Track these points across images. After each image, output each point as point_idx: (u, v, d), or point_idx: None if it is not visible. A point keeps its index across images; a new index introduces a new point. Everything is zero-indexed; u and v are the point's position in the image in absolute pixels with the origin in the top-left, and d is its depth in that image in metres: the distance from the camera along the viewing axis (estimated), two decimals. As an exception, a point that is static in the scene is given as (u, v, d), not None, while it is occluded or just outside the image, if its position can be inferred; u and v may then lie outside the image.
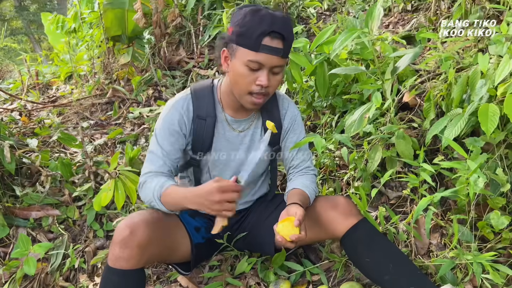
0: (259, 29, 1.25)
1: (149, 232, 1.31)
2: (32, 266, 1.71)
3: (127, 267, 1.27)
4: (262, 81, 1.31)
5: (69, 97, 3.67)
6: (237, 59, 1.32)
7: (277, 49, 1.28)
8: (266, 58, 1.28)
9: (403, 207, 1.84)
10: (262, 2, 3.51)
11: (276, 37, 1.26)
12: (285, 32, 1.27)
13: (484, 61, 1.51)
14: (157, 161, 1.43)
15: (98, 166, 2.29)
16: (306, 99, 2.39)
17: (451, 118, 1.57)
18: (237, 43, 1.30)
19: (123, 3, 3.52)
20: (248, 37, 1.26)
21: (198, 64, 3.50)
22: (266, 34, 1.25)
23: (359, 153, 1.94)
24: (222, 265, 1.76)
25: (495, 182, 1.47)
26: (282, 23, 1.27)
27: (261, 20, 1.25)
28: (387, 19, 3.22)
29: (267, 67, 1.31)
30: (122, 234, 1.28)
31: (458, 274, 1.45)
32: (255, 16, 1.26)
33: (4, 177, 2.22)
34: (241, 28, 1.27)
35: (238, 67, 1.32)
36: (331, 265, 1.70)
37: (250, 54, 1.28)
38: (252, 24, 1.26)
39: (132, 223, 1.31)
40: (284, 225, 1.26)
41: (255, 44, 1.26)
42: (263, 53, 1.27)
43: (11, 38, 16.66)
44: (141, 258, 1.29)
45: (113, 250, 1.28)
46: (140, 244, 1.28)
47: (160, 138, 1.44)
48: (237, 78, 1.34)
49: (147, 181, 1.39)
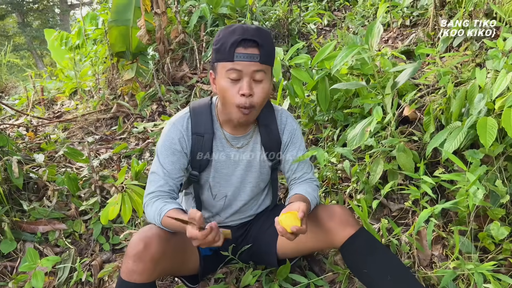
0: (231, 39, 1.30)
1: (162, 246, 1.33)
2: (40, 279, 1.73)
3: (140, 281, 1.29)
4: (243, 89, 1.32)
5: (74, 112, 3.73)
6: (219, 75, 1.37)
7: (252, 55, 1.31)
8: (242, 66, 1.31)
9: (405, 219, 1.87)
10: (263, 19, 3.59)
11: (249, 45, 1.30)
12: (257, 38, 1.30)
13: (482, 75, 1.55)
14: (158, 181, 1.45)
15: (104, 181, 2.33)
16: (308, 113, 2.43)
17: (451, 131, 1.60)
18: (216, 60, 1.36)
19: (128, 20, 3.60)
20: (222, 51, 1.32)
21: (201, 80, 3.56)
22: (238, 42, 1.29)
23: (361, 166, 1.97)
24: (227, 278, 1.78)
25: (494, 193, 1.50)
26: (254, 31, 1.31)
27: (232, 32, 1.31)
28: (386, 34, 3.29)
29: (247, 75, 1.32)
30: (136, 248, 1.30)
31: (460, 284, 1.47)
32: (227, 30, 1.33)
33: (11, 191, 2.25)
34: (216, 45, 1.35)
35: (220, 82, 1.36)
36: (335, 277, 1.72)
37: (227, 65, 1.32)
38: (225, 38, 1.32)
39: (145, 237, 1.33)
40: (286, 216, 1.28)
41: (229, 54, 1.30)
42: (238, 61, 1.31)
43: (14, 53, 16.82)
44: (154, 271, 1.32)
45: (127, 264, 1.30)
46: (154, 258, 1.30)
47: (161, 158, 1.47)
48: (223, 93, 1.37)
49: (148, 205, 1.42)
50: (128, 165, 2.50)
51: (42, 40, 16.96)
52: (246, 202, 1.65)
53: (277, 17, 3.61)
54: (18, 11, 17.93)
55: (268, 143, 1.57)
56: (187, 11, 3.97)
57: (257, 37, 1.30)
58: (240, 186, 1.60)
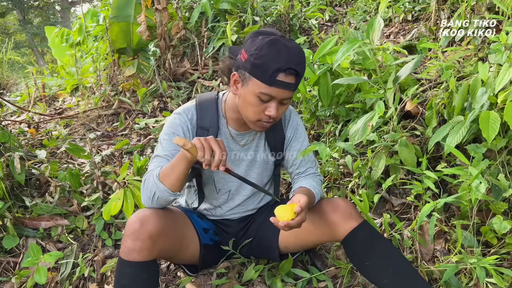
0: (275, 65, 1.26)
1: (159, 224, 1.33)
2: (43, 275, 1.74)
3: (140, 259, 1.30)
4: (271, 113, 1.34)
5: (75, 109, 3.73)
6: (249, 88, 1.34)
7: (290, 84, 1.30)
8: (278, 92, 1.31)
9: (407, 213, 1.86)
10: (264, 15, 3.58)
11: (291, 73, 1.28)
12: (299, 68, 1.29)
13: (484, 69, 1.55)
14: (160, 162, 1.44)
15: (106, 176, 2.33)
16: (310, 109, 2.43)
17: (453, 125, 1.60)
18: (250, 73, 1.31)
19: (129, 17, 3.60)
20: (263, 71, 1.28)
21: (203, 75, 3.56)
22: (282, 70, 1.27)
23: (363, 161, 1.97)
24: (229, 273, 1.78)
25: (497, 187, 1.50)
26: (297, 58, 1.29)
27: (277, 55, 1.26)
28: (388, 29, 3.28)
29: (277, 100, 1.34)
30: (133, 227, 1.31)
31: (462, 279, 1.47)
32: (272, 50, 1.26)
33: (14, 187, 2.26)
34: (256, 60, 1.28)
35: (249, 96, 1.35)
36: (337, 272, 1.72)
37: (263, 87, 1.30)
38: (268, 59, 1.26)
39: (142, 215, 1.33)
40: (283, 208, 1.29)
41: (269, 79, 1.28)
42: (276, 87, 1.29)
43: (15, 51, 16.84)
44: (153, 249, 1.32)
45: (125, 243, 1.31)
46: (151, 235, 1.31)
47: (164, 143, 1.47)
48: (247, 106, 1.37)
49: (147, 177, 1.40)
50: (130, 161, 2.50)
51: (43, 37, 16.98)
52: (248, 196, 1.66)
53: (279, 13, 3.60)
54: (19, 9, 17.93)
55: (272, 139, 1.58)
56: (188, 7, 3.96)
57: (299, 67, 1.29)
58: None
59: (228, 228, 1.71)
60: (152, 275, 1.36)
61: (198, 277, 1.77)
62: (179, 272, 1.84)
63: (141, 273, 1.31)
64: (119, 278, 1.33)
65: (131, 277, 1.31)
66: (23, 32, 17.85)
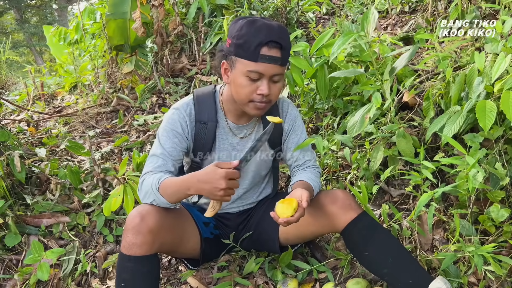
0: (257, 39, 1.29)
1: (159, 218, 1.35)
2: (46, 271, 1.75)
3: (141, 253, 1.31)
4: (263, 90, 1.35)
5: (74, 106, 3.73)
6: (237, 70, 1.36)
7: (276, 58, 1.32)
8: (265, 68, 1.32)
9: (405, 204, 1.88)
10: (261, 8, 3.57)
11: (273, 46, 1.31)
12: (282, 41, 1.31)
13: (481, 59, 1.55)
14: (157, 161, 1.45)
15: (106, 173, 2.34)
16: (308, 102, 2.43)
17: (450, 115, 1.60)
18: (235, 55, 1.34)
19: (125, 13, 3.59)
20: (246, 48, 1.31)
21: (200, 71, 3.56)
22: (263, 44, 1.29)
23: (361, 153, 1.98)
24: (230, 266, 1.80)
25: (494, 176, 1.51)
26: (278, 32, 1.31)
27: (257, 31, 1.30)
28: (385, 21, 3.27)
29: (267, 76, 1.35)
30: (133, 221, 1.32)
31: (461, 267, 1.48)
32: (252, 28, 1.30)
33: (14, 186, 2.27)
34: (238, 40, 1.32)
35: (238, 78, 1.36)
36: (337, 263, 1.73)
37: (250, 65, 1.32)
38: (249, 36, 1.30)
39: (142, 209, 1.35)
40: (284, 204, 1.30)
41: (253, 54, 1.30)
42: (262, 62, 1.31)
43: (13, 50, 16.80)
44: (154, 243, 1.33)
45: (126, 237, 1.32)
46: (152, 229, 1.32)
47: (162, 140, 1.48)
48: (238, 88, 1.38)
49: (145, 179, 1.41)
50: (129, 157, 2.51)
51: (41, 36, 16.93)
52: (247, 189, 1.67)
53: (275, 6, 3.58)
54: (16, 8, 17.87)
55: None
56: (185, 2, 3.95)
57: (281, 39, 1.31)
58: (242, 175, 1.61)
59: (228, 222, 1.72)
60: (153, 269, 1.37)
61: (199, 270, 1.78)
62: (180, 266, 1.86)
63: (142, 267, 1.32)
64: (120, 273, 1.34)
65: (132, 272, 1.32)
66: (21, 31, 17.79)
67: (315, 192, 1.52)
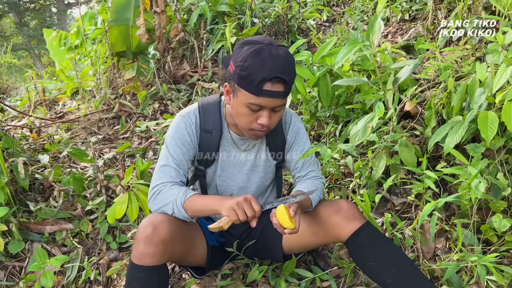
0: (260, 75, 1.26)
1: (171, 229, 1.36)
2: (50, 279, 1.76)
3: (152, 263, 1.32)
4: (263, 121, 1.35)
5: (76, 112, 3.74)
6: (238, 99, 1.35)
7: (278, 93, 1.30)
8: (267, 102, 1.31)
9: (408, 213, 1.89)
10: (263, 16, 3.60)
11: (277, 81, 1.28)
12: (286, 76, 1.29)
13: (482, 69, 1.57)
14: (170, 171, 1.47)
15: (109, 180, 2.35)
16: (310, 110, 2.45)
17: (452, 125, 1.62)
18: (238, 85, 1.32)
19: (128, 20, 3.61)
20: (249, 82, 1.28)
21: (202, 78, 3.58)
22: (267, 80, 1.27)
23: (364, 161, 2.00)
24: (234, 274, 1.81)
25: (496, 186, 1.52)
26: (283, 66, 1.28)
27: (262, 65, 1.26)
28: (386, 29, 3.30)
29: (268, 108, 1.34)
30: (146, 231, 1.33)
31: (463, 276, 1.49)
32: (256, 60, 1.26)
33: (18, 192, 2.28)
34: (242, 72, 1.29)
35: (239, 106, 1.36)
36: (340, 271, 1.74)
37: (251, 98, 1.31)
38: (253, 69, 1.26)
39: (154, 220, 1.36)
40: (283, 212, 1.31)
41: (256, 89, 1.28)
42: (264, 97, 1.30)
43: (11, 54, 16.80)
44: (165, 254, 1.35)
45: (138, 247, 1.33)
46: (164, 240, 1.33)
47: (171, 149, 1.49)
48: (239, 116, 1.39)
49: (163, 190, 1.42)
50: (132, 164, 2.52)
51: (40, 39, 16.95)
52: (251, 199, 1.68)
53: (277, 14, 3.61)
54: (15, 11, 17.89)
55: (273, 143, 1.60)
56: (187, 9, 3.97)
57: (285, 75, 1.28)
58: (245, 185, 1.63)
59: (232, 230, 1.73)
60: (163, 279, 1.39)
61: (203, 278, 1.79)
62: (184, 274, 1.87)
63: (153, 277, 1.34)
64: (130, 282, 1.36)
65: (144, 282, 1.33)
66: (20, 34, 17.81)
67: (313, 203, 1.53)
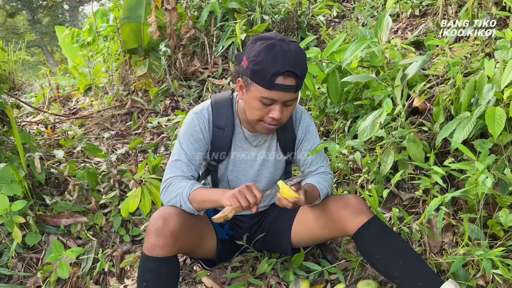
0: (273, 69, 1.29)
1: (181, 221, 1.41)
2: (66, 270, 1.82)
3: (162, 255, 1.37)
4: (275, 115, 1.38)
5: (89, 108, 3.82)
6: (251, 93, 1.38)
7: (290, 87, 1.33)
8: (279, 95, 1.34)
9: (415, 207, 1.91)
10: (272, 12, 3.62)
11: (289, 75, 1.31)
12: (298, 70, 1.31)
13: (491, 66, 1.58)
14: (181, 166, 1.51)
15: (122, 175, 2.41)
16: (319, 106, 2.47)
17: (460, 121, 1.63)
18: (251, 79, 1.35)
19: (139, 17, 3.67)
20: (261, 76, 1.31)
21: (213, 74, 3.62)
22: (279, 74, 1.30)
23: (372, 157, 2.02)
24: (243, 266, 1.85)
25: (503, 182, 1.54)
26: (295, 61, 1.30)
27: (274, 59, 1.28)
28: (396, 24, 3.30)
29: (280, 102, 1.37)
30: (156, 224, 1.38)
31: (470, 270, 1.51)
32: (269, 55, 1.29)
33: (34, 186, 2.35)
34: (254, 66, 1.32)
35: (252, 100, 1.39)
36: (348, 265, 1.77)
37: (264, 92, 1.34)
38: (266, 64, 1.29)
39: (165, 212, 1.41)
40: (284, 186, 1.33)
41: (268, 83, 1.31)
42: (276, 91, 1.33)
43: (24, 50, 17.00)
44: (175, 245, 1.39)
45: (149, 239, 1.38)
46: (174, 232, 1.38)
47: (184, 145, 1.53)
48: (251, 110, 1.42)
49: (173, 184, 1.47)
50: (144, 159, 2.57)
51: (52, 36, 17.14)
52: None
53: (287, 10, 3.63)
54: (28, 8, 18.12)
55: (283, 140, 1.63)
56: (197, 6, 4.01)
57: (297, 69, 1.31)
58: (256, 180, 1.66)
59: (242, 224, 1.77)
60: (174, 270, 1.43)
61: (214, 270, 1.84)
62: (195, 266, 1.91)
63: (163, 268, 1.39)
64: (142, 273, 1.40)
65: (154, 272, 1.38)
66: (33, 31, 18.03)
67: (321, 194, 1.55)
